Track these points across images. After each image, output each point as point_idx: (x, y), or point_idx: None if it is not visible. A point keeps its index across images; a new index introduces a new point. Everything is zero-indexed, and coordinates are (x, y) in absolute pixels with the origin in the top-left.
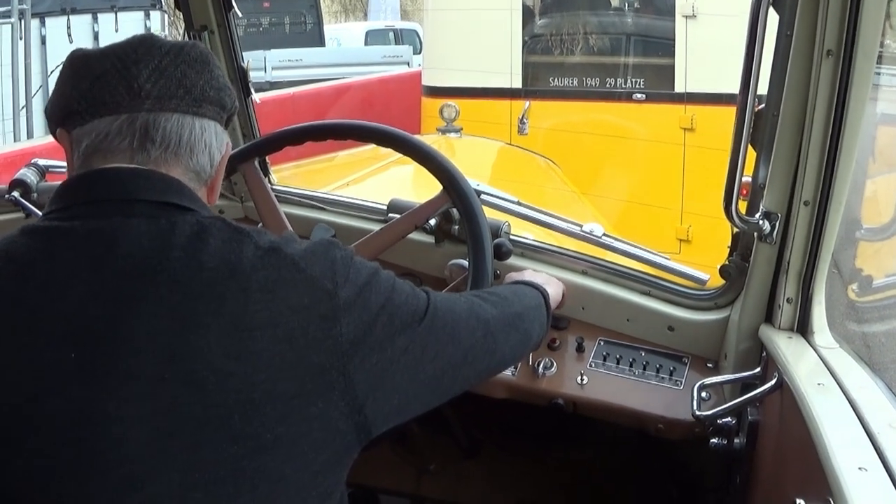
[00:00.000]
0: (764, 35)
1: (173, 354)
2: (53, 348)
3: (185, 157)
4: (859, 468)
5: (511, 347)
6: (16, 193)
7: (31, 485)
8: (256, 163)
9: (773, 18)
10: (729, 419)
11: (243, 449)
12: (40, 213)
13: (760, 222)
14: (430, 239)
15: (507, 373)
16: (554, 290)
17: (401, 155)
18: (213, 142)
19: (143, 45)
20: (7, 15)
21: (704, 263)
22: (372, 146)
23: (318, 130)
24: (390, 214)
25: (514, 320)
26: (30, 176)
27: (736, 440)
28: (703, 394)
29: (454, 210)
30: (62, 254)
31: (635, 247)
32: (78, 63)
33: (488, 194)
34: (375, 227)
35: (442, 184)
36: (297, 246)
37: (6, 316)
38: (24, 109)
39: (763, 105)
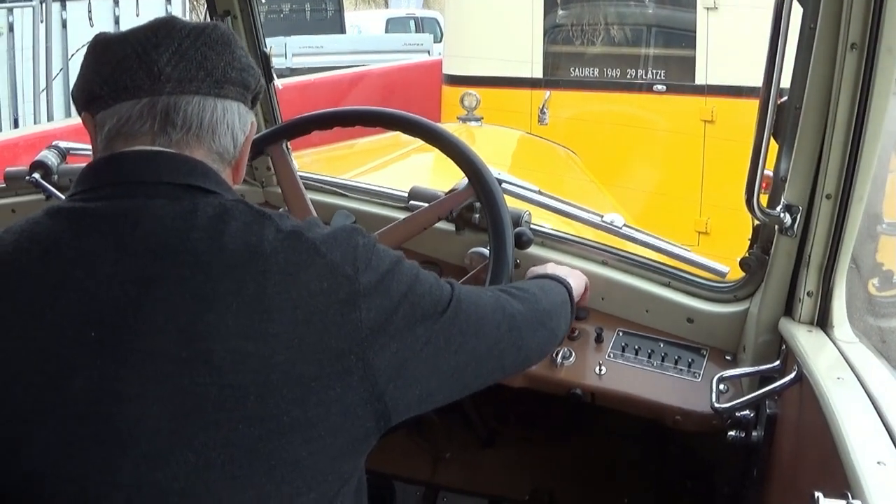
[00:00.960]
0: (788, 28)
1: (191, 334)
2: (76, 327)
3: (208, 138)
4: (878, 462)
5: (538, 344)
6: (36, 175)
7: (54, 461)
8: (284, 146)
9: (796, 11)
10: (747, 412)
11: (259, 430)
12: (61, 195)
13: (782, 215)
14: (450, 227)
15: None
16: (577, 283)
17: (421, 143)
18: (237, 122)
19: (163, 28)
20: None
21: (723, 255)
22: (392, 134)
23: (346, 116)
24: (411, 202)
25: (541, 317)
26: (50, 158)
27: (754, 433)
28: (722, 386)
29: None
30: (87, 234)
31: (655, 238)
32: (100, 48)
33: (510, 183)
34: (396, 214)
35: (467, 176)
36: (320, 231)
37: (30, 295)
38: (45, 92)
39: (786, 98)
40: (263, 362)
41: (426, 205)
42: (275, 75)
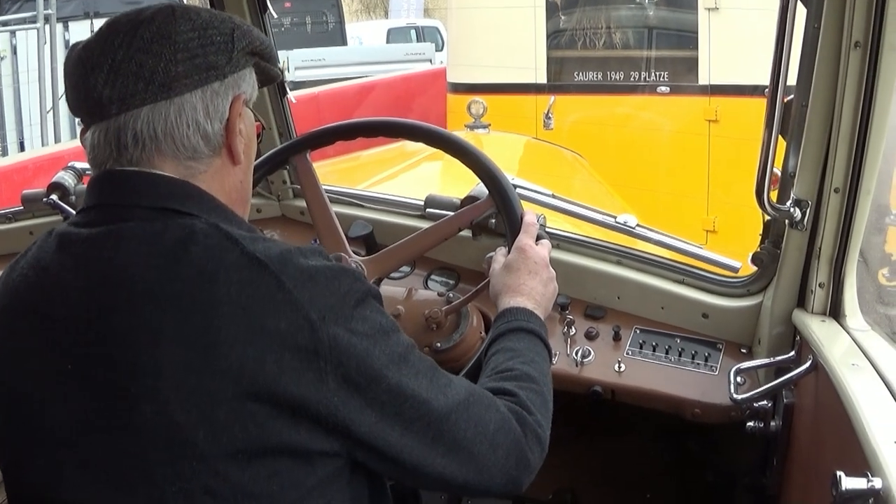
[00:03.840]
0: (793, 28)
1: (139, 369)
2: (54, 357)
3: (168, 148)
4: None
5: (530, 473)
6: (54, 196)
7: (42, 483)
8: (307, 156)
9: (801, 11)
10: (765, 402)
11: (215, 466)
12: None
13: (791, 210)
14: (467, 233)
15: None
16: (545, 311)
17: (429, 153)
18: (201, 114)
19: (102, 37)
20: (33, 20)
21: (731, 253)
22: (396, 145)
23: (371, 127)
24: (428, 209)
25: (542, 443)
26: (67, 179)
27: (772, 422)
28: (739, 378)
29: None
30: (66, 261)
31: (668, 236)
32: (66, 68)
33: (524, 188)
34: (414, 223)
35: (486, 186)
36: (298, 262)
37: (23, 322)
38: (51, 114)
39: (792, 96)
40: (210, 399)
41: (442, 211)
42: (288, 89)
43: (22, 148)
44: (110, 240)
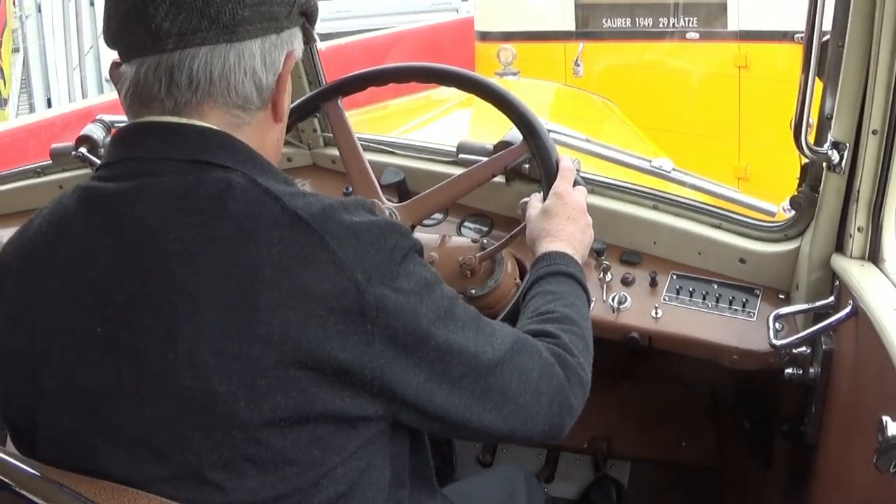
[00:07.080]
0: None
1: (176, 334)
2: (84, 320)
3: (221, 93)
4: None
5: (577, 399)
6: (83, 150)
7: (62, 448)
8: (339, 102)
9: None
10: (804, 348)
11: (256, 435)
12: None
13: (829, 152)
14: (500, 179)
15: None
16: (582, 258)
17: (459, 100)
18: (258, 65)
19: None
20: None
21: (764, 200)
22: (424, 94)
23: (403, 72)
24: (460, 155)
25: (584, 369)
26: (96, 132)
27: (811, 369)
28: (777, 324)
29: None
30: (92, 217)
31: (704, 180)
32: None
33: (558, 133)
34: (446, 169)
35: (520, 130)
36: (343, 219)
37: (42, 282)
38: (77, 70)
39: (828, 36)
40: (250, 366)
41: (475, 157)
42: (317, 37)
43: (49, 104)
44: (141, 195)
